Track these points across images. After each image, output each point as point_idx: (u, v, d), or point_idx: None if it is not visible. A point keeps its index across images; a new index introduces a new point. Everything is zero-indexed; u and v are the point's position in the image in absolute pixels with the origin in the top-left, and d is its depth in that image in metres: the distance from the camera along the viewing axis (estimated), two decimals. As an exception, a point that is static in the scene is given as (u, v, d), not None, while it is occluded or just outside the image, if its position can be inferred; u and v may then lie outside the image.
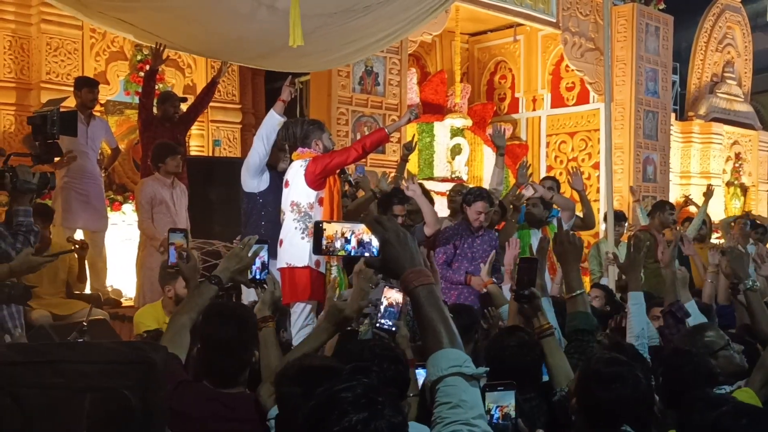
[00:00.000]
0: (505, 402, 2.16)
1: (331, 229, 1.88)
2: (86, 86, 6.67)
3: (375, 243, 1.82)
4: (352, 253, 1.88)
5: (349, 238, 1.87)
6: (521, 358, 2.93)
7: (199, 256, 5.66)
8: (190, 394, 2.62)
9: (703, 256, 8.50)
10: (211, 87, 7.31)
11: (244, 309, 2.91)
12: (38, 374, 1.40)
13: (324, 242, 1.87)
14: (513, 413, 2.17)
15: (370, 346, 2.77)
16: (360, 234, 1.86)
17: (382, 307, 3.01)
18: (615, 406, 2.45)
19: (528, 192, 6.54)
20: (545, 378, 3.09)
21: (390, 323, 2.97)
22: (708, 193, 9.35)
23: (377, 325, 3.00)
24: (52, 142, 3.72)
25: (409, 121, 5.75)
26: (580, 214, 7.11)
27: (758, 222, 9.68)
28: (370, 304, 3.10)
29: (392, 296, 3.01)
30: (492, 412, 2.16)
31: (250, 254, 3.00)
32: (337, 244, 1.87)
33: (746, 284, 4.01)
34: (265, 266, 3.18)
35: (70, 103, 6.16)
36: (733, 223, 9.72)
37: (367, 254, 1.86)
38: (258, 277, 3.15)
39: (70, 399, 1.35)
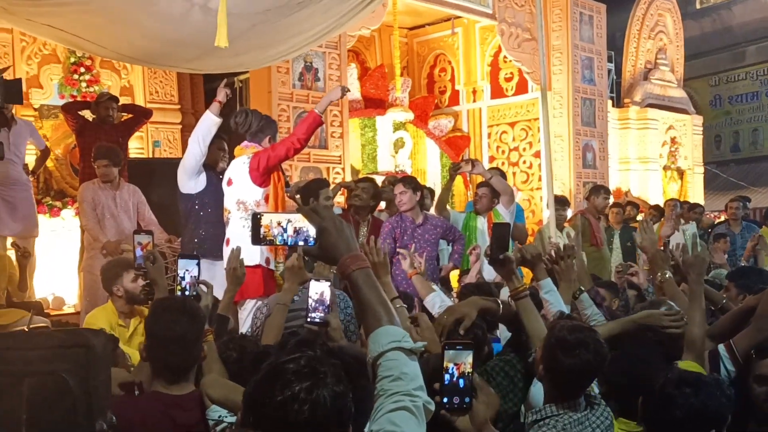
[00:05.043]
0: (462, 360, 2.22)
1: (267, 219, 1.91)
2: None
3: (311, 231, 1.86)
4: (289, 242, 1.91)
5: (285, 227, 1.89)
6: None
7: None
8: (143, 405, 2.59)
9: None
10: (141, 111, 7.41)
11: (191, 303, 2.89)
12: (-24, 364, 1.41)
13: (262, 232, 1.90)
14: (469, 370, 2.23)
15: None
16: (296, 223, 1.89)
17: (310, 302, 3.02)
18: (579, 371, 2.57)
19: (467, 167, 6.62)
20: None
21: (321, 316, 2.99)
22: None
23: (308, 320, 3.01)
24: None
25: (340, 96, 5.66)
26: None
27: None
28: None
29: (319, 289, 3.03)
30: (450, 371, 2.21)
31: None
32: (275, 233, 1.90)
33: (664, 274, 4.18)
34: (194, 281, 3.17)
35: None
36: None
37: (302, 243, 1.89)
38: (188, 292, 3.14)
39: (9, 385, 1.37)
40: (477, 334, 3.02)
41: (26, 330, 4.16)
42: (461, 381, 2.19)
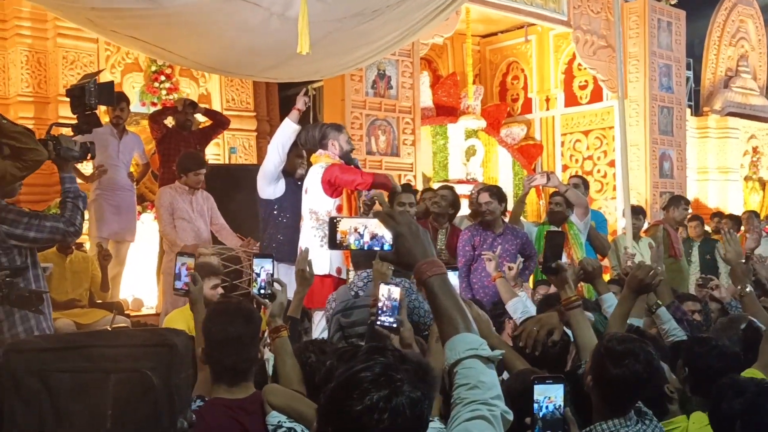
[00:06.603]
0: (553, 393, 2.20)
1: (344, 224, 1.92)
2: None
3: (388, 237, 1.85)
4: (365, 248, 1.91)
5: (362, 232, 1.89)
6: (550, 348, 3.00)
7: (219, 261, 5.75)
8: (209, 415, 2.60)
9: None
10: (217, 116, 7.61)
11: (247, 304, 2.93)
12: (66, 359, 1.48)
13: (338, 237, 1.91)
14: (561, 404, 2.21)
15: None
16: (373, 228, 1.89)
17: (380, 305, 3.01)
18: (628, 382, 2.51)
19: (542, 180, 6.51)
20: None
21: (392, 320, 2.98)
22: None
23: (378, 323, 3.00)
24: (91, 113, 3.76)
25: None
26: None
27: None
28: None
29: (389, 292, 3.02)
30: (541, 404, 2.20)
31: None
32: (351, 239, 1.90)
33: (744, 288, 4.06)
34: (270, 278, 3.22)
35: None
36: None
37: (378, 248, 1.89)
38: (264, 290, 3.20)
39: (97, 380, 1.43)
40: (565, 341, 3.05)
41: (109, 329, 4.32)
42: (551, 407, 2.18)
